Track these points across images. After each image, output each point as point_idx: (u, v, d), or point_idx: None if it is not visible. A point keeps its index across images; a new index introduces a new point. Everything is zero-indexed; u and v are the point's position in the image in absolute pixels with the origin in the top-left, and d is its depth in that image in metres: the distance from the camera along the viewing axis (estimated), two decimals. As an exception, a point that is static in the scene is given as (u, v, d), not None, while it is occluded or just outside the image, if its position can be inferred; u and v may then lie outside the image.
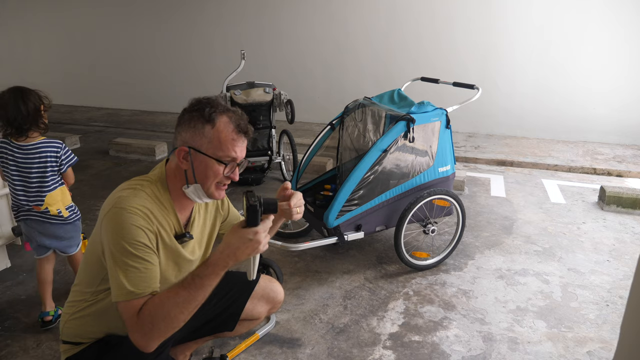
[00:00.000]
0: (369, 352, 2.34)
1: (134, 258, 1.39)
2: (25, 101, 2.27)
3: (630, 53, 6.00)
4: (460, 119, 6.15)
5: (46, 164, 2.37)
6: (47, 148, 2.38)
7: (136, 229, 1.39)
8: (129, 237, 1.38)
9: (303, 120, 7.32)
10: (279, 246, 2.97)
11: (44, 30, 9.12)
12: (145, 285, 1.39)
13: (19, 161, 2.34)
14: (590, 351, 2.37)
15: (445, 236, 3.55)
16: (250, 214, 1.38)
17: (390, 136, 2.92)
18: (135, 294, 1.37)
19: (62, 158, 2.43)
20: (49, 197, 2.39)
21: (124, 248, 1.38)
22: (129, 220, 1.39)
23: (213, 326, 1.98)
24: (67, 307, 1.63)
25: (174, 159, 1.53)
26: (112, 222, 1.40)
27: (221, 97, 4.52)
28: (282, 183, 2.12)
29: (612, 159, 5.65)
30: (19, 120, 2.27)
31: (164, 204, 1.52)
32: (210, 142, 1.47)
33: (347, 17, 7.10)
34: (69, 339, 1.62)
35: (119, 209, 1.40)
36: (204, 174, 1.50)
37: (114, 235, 1.39)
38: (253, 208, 1.37)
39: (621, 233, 3.71)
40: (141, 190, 1.47)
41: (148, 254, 1.42)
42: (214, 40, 7.92)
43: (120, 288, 1.38)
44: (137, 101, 8.75)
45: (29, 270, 3.09)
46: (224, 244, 1.39)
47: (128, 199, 1.43)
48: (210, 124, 1.46)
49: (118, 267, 1.38)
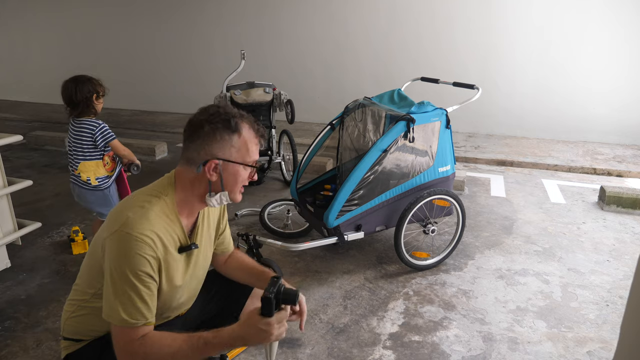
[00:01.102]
0: (369, 352, 2.34)
1: (133, 287, 1.38)
2: (79, 90, 2.76)
3: (630, 53, 6.00)
4: (460, 119, 6.14)
5: (82, 139, 2.84)
6: (86, 127, 2.83)
7: (141, 258, 1.38)
8: (132, 266, 1.37)
9: (303, 120, 7.31)
10: (279, 246, 2.97)
11: (44, 30, 9.12)
12: (140, 316, 1.39)
13: (71, 135, 2.87)
14: (590, 351, 2.37)
15: (445, 236, 3.55)
16: (264, 305, 1.39)
17: (390, 136, 2.92)
18: (129, 323, 1.37)
19: (96, 136, 2.84)
20: (82, 164, 2.85)
21: (126, 276, 1.37)
22: (135, 249, 1.37)
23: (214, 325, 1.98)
24: (68, 304, 1.63)
25: (189, 172, 1.51)
26: (117, 245, 1.38)
27: (221, 97, 4.52)
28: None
29: (612, 159, 5.65)
30: (73, 104, 2.79)
31: (169, 217, 1.50)
32: (238, 151, 1.50)
33: (347, 17, 7.09)
34: (70, 336, 1.62)
35: (126, 233, 1.37)
36: (234, 182, 1.53)
37: (117, 260, 1.37)
38: (267, 300, 1.38)
39: (621, 233, 3.71)
40: (149, 210, 1.44)
41: (148, 283, 1.41)
42: (214, 40, 7.91)
43: (113, 312, 1.38)
44: (137, 101, 8.75)
45: (29, 270, 3.09)
46: (237, 326, 1.41)
47: (136, 223, 1.39)
48: (237, 133, 1.50)
49: (115, 292, 1.37)
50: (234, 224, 3.83)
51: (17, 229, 3.07)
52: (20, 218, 3.20)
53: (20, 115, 8.13)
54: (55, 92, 3.23)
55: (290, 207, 3.86)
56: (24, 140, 6.05)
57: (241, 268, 1.90)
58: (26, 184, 3.07)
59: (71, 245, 3.31)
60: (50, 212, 4.05)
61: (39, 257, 3.26)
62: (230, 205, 4.05)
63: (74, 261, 3.20)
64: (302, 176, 3.50)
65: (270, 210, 3.91)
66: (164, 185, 1.54)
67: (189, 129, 1.51)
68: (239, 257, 1.94)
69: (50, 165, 5.46)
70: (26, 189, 3.11)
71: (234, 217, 3.91)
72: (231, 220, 3.89)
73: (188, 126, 1.52)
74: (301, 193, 3.42)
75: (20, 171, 5.18)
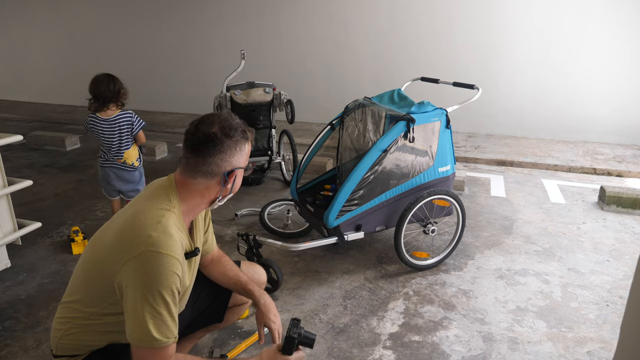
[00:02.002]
0: (369, 352, 2.34)
1: (165, 305, 1.38)
2: (114, 82, 3.14)
3: (630, 53, 6.00)
4: (460, 119, 6.14)
5: (122, 130, 3.22)
6: (123, 119, 3.21)
7: (173, 275, 1.38)
8: (166, 285, 1.37)
9: (303, 120, 7.32)
10: (279, 246, 2.98)
11: (44, 30, 9.12)
12: (170, 332, 1.40)
13: (105, 130, 3.18)
14: (590, 351, 2.37)
15: (445, 236, 3.55)
16: (287, 344, 1.55)
17: (390, 136, 2.92)
18: (161, 342, 1.38)
19: (134, 124, 3.26)
20: (126, 153, 3.29)
21: (160, 295, 1.36)
22: (168, 267, 1.37)
23: (203, 318, 1.99)
24: (59, 323, 1.57)
25: (203, 182, 1.53)
26: (149, 266, 1.36)
27: (221, 97, 4.52)
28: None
29: (612, 159, 5.65)
30: (105, 95, 3.11)
31: (179, 227, 1.51)
32: (245, 156, 1.60)
33: (347, 17, 7.09)
34: (64, 353, 1.58)
35: (156, 252, 1.36)
36: (238, 183, 1.61)
37: (149, 281, 1.35)
38: (291, 340, 1.54)
39: (621, 233, 3.71)
40: (168, 226, 1.43)
41: (177, 299, 1.43)
42: (214, 40, 7.91)
43: (144, 334, 1.36)
44: (137, 101, 8.70)
45: (29, 270, 3.09)
46: (257, 358, 1.57)
47: (162, 241, 1.38)
48: (246, 141, 1.58)
49: (147, 312, 1.35)
50: (234, 224, 3.83)
51: (17, 229, 3.08)
52: (20, 218, 3.21)
53: (20, 115, 8.13)
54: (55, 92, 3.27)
55: (290, 207, 3.86)
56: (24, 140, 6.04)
57: (226, 276, 1.92)
58: (26, 184, 3.07)
59: (71, 245, 3.31)
60: (50, 212, 4.05)
61: (39, 257, 3.26)
62: (230, 205, 4.05)
63: (74, 261, 3.20)
64: (302, 176, 3.50)
65: (270, 210, 3.91)
66: (168, 197, 1.52)
67: (204, 142, 1.48)
68: (224, 265, 1.95)
69: (50, 165, 5.46)
70: (26, 189, 3.11)
71: (234, 217, 3.91)
72: (231, 220, 3.89)
73: (203, 139, 1.48)
74: (301, 193, 3.42)
75: (20, 171, 5.18)
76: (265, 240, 2.98)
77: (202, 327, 2.03)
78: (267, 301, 1.83)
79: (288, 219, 3.68)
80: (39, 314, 2.62)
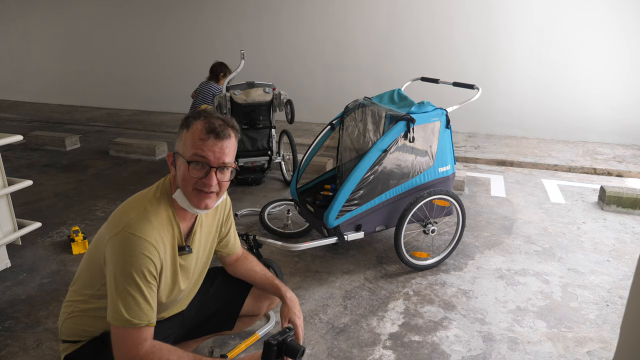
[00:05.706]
0: (369, 352, 2.34)
1: (137, 288, 1.40)
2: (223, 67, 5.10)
3: (630, 53, 6.00)
4: (460, 119, 6.15)
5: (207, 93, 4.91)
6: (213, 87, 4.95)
7: (145, 257, 1.41)
8: (137, 265, 1.39)
9: (303, 120, 7.32)
10: (279, 246, 2.97)
11: (43, 30, 9.12)
12: (143, 315, 1.42)
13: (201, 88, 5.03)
14: (590, 351, 2.37)
15: (445, 236, 3.55)
16: (264, 350, 1.47)
17: (390, 136, 2.92)
18: (132, 323, 1.40)
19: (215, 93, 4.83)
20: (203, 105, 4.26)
21: (130, 276, 1.39)
22: (139, 248, 1.40)
23: (213, 324, 2.00)
24: (65, 306, 1.64)
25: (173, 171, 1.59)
26: (121, 246, 1.40)
27: (221, 97, 4.51)
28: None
29: (612, 159, 5.66)
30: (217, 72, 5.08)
31: (169, 219, 1.54)
32: (184, 145, 1.52)
33: (347, 17, 7.10)
34: (67, 338, 1.64)
35: (130, 234, 1.41)
36: (181, 177, 1.53)
37: (121, 261, 1.39)
38: (268, 345, 1.45)
39: (621, 233, 3.71)
40: (151, 212, 1.48)
41: (150, 284, 1.44)
42: (214, 40, 7.91)
43: (117, 313, 1.40)
44: (137, 101, 8.75)
45: (29, 270, 3.09)
46: None
47: (139, 224, 1.43)
48: (187, 128, 1.52)
49: (119, 293, 1.39)
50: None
51: (17, 229, 3.07)
52: (20, 218, 3.20)
53: (20, 115, 8.13)
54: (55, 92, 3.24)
55: (290, 207, 3.86)
56: (24, 140, 6.05)
57: (253, 271, 1.96)
58: (26, 184, 3.06)
59: (71, 245, 3.31)
60: (50, 212, 4.05)
61: (39, 257, 3.26)
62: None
63: (74, 261, 3.20)
64: (302, 176, 3.50)
65: (270, 210, 3.90)
66: (161, 189, 1.59)
67: None
68: (250, 261, 1.99)
69: (50, 165, 5.46)
70: (26, 189, 3.11)
71: (234, 217, 3.91)
72: (231, 220, 3.89)
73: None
74: (301, 193, 3.42)
75: (20, 171, 5.18)
76: (265, 240, 2.98)
77: (213, 332, 2.07)
78: (293, 296, 1.85)
79: (288, 219, 3.68)
80: (39, 314, 2.62)
